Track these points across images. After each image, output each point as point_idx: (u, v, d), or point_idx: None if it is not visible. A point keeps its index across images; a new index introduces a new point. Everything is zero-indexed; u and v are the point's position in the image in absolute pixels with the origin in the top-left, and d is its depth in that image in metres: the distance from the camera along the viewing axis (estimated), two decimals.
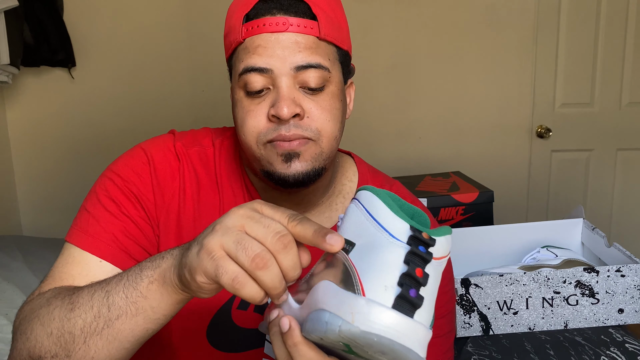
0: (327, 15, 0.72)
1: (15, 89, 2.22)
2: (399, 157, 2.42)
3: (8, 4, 1.82)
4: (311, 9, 0.71)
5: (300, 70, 0.70)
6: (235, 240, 0.49)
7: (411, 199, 0.87)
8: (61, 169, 2.31)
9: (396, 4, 2.31)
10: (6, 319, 1.28)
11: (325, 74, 0.71)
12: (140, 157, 0.78)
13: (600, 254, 1.24)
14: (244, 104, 0.72)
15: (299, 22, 0.70)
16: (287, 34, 0.69)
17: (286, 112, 0.68)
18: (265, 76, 0.70)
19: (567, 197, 2.49)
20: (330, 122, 0.72)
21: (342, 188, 0.84)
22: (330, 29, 0.72)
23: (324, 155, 0.73)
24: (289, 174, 0.71)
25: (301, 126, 0.70)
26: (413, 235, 0.47)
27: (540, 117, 2.43)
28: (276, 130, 0.70)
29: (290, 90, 0.70)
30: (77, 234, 0.74)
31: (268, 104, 0.71)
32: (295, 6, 0.70)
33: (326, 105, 0.72)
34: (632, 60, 2.37)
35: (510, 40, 2.36)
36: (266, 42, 0.69)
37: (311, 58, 0.70)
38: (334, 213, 0.83)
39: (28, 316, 0.66)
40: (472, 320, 1.11)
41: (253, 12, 0.71)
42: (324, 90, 0.72)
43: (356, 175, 0.86)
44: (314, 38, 0.71)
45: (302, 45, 0.70)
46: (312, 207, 0.81)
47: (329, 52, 0.72)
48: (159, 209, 0.77)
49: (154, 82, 2.29)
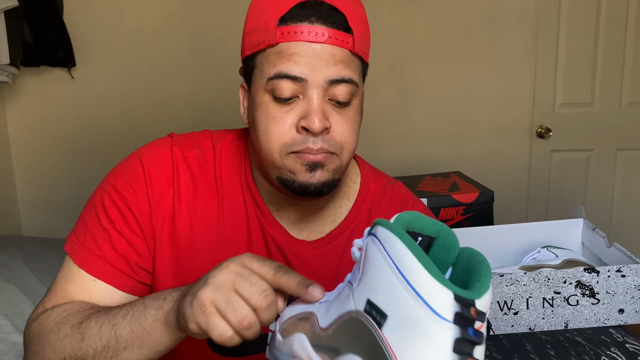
0: (359, 29, 0.71)
1: (15, 89, 2.22)
2: (399, 157, 2.42)
3: (8, 4, 1.82)
4: (347, 22, 0.70)
5: (333, 84, 0.69)
6: (226, 299, 0.55)
7: (413, 200, 0.87)
8: (61, 169, 2.31)
9: (396, 4, 2.30)
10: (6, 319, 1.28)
11: (354, 89, 0.71)
12: (135, 168, 0.78)
13: (601, 254, 1.24)
14: (269, 109, 0.71)
15: (337, 34, 0.69)
16: (325, 45, 0.68)
17: (318, 125, 0.68)
18: (297, 85, 0.69)
19: (567, 197, 2.49)
20: (352, 137, 0.73)
21: (347, 190, 0.84)
22: (362, 43, 0.72)
23: (342, 168, 0.74)
24: (311, 183, 0.71)
25: (327, 141, 0.70)
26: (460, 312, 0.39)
27: (540, 117, 2.43)
28: (304, 143, 0.69)
29: (321, 102, 0.69)
30: (75, 247, 0.77)
31: (297, 113, 0.70)
32: (333, 17, 0.69)
33: (351, 120, 0.72)
34: (632, 60, 2.37)
35: (510, 40, 2.36)
36: (303, 51, 0.68)
37: (345, 72, 0.69)
38: (338, 216, 0.83)
39: (37, 338, 0.71)
40: None
41: (289, 16, 0.69)
42: (350, 105, 0.72)
43: (359, 176, 0.86)
44: (348, 52, 0.70)
45: (338, 58, 0.69)
46: (316, 211, 0.81)
47: (358, 67, 0.72)
48: (154, 218, 0.77)
49: (154, 82, 2.28)
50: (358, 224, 0.83)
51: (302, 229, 0.81)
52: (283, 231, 0.80)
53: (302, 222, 0.81)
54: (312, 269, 0.80)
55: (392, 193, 0.86)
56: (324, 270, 0.80)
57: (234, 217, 0.79)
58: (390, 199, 0.85)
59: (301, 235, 0.81)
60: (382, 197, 0.85)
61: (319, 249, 0.81)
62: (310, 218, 0.81)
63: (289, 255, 0.80)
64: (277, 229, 0.80)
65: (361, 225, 0.83)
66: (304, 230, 0.81)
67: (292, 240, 0.80)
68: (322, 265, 0.80)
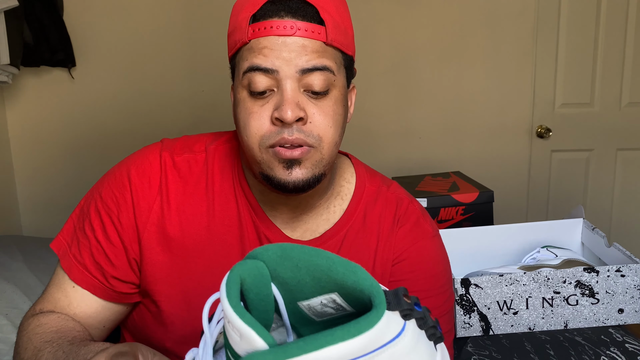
0: (334, 20, 0.71)
1: (15, 89, 2.22)
2: (399, 157, 2.42)
3: (8, 4, 1.82)
4: (319, 14, 0.70)
5: (306, 73, 0.69)
6: None
7: (408, 200, 0.86)
8: (61, 169, 2.31)
9: (396, 4, 2.31)
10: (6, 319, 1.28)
11: (331, 76, 0.71)
12: (122, 179, 0.80)
13: (600, 254, 1.24)
14: (247, 105, 0.71)
15: (307, 26, 0.69)
16: (294, 37, 0.69)
17: (290, 115, 0.68)
18: (270, 77, 0.69)
19: (567, 197, 2.49)
20: (332, 128, 0.72)
21: (340, 190, 0.84)
22: (337, 34, 0.71)
23: (324, 162, 0.73)
24: (289, 181, 0.71)
25: (304, 131, 0.70)
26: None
27: (540, 117, 2.43)
28: (279, 134, 0.69)
29: (295, 93, 0.69)
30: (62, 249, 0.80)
31: (272, 106, 0.70)
32: (304, 10, 0.70)
33: (329, 111, 0.71)
34: (632, 60, 2.37)
35: (510, 40, 2.36)
36: (272, 44, 0.69)
37: (317, 61, 0.69)
38: (332, 215, 0.83)
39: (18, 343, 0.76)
40: (472, 320, 1.11)
41: (260, 13, 0.70)
42: (328, 95, 0.71)
43: (354, 176, 0.86)
44: (321, 43, 0.70)
45: (309, 49, 0.69)
46: (309, 210, 0.81)
47: (335, 57, 0.72)
48: (140, 228, 0.78)
49: (153, 82, 2.29)
50: (353, 224, 0.83)
51: (295, 228, 0.81)
52: (277, 230, 0.80)
53: (295, 221, 0.81)
54: None
55: (388, 193, 0.86)
56: None
57: (226, 218, 0.80)
58: (386, 198, 0.85)
59: (295, 235, 0.81)
60: (377, 197, 0.85)
61: None
62: (303, 217, 0.81)
63: None
64: (271, 228, 0.80)
65: (356, 225, 0.83)
66: (297, 229, 0.81)
67: (286, 240, 0.80)
68: None
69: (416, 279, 0.82)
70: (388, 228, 0.83)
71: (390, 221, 0.83)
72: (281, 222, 0.81)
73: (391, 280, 0.82)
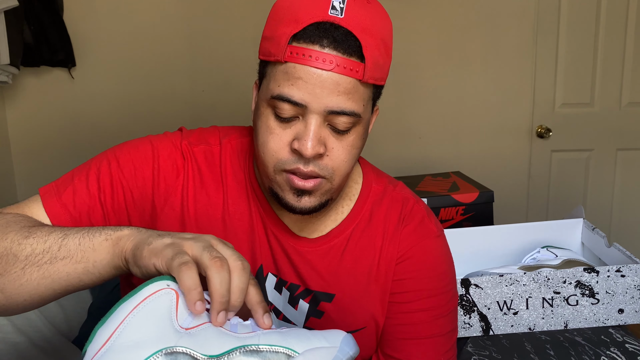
0: (375, 57, 0.69)
1: (15, 89, 2.22)
2: (399, 157, 2.42)
3: (8, 4, 1.82)
4: (362, 49, 0.68)
5: (332, 114, 0.69)
6: (204, 246, 0.56)
7: (414, 200, 0.87)
8: (61, 169, 2.28)
9: (396, 4, 2.30)
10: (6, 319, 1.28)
11: (356, 120, 0.71)
12: (145, 151, 0.80)
13: (600, 254, 1.24)
14: (269, 123, 0.71)
15: (346, 63, 0.67)
16: (331, 72, 0.67)
17: (310, 151, 0.68)
18: (297, 108, 0.69)
19: (567, 197, 2.49)
20: (347, 163, 0.73)
21: (349, 191, 0.85)
22: (375, 71, 0.70)
23: (332, 190, 0.74)
24: (296, 207, 0.73)
25: (319, 165, 0.71)
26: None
27: (540, 117, 2.43)
28: (295, 163, 0.70)
29: (318, 128, 0.69)
30: (50, 192, 0.77)
31: (294, 133, 0.70)
32: (346, 43, 0.67)
33: (348, 147, 0.72)
34: (632, 60, 2.37)
35: (510, 40, 2.36)
36: (308, 77, 0.67)
37: (346, 105, 0.69)
38: (339, 215, 0.83)
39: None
40: (472, 320, 1.11)
41: (302, 35, 0.67)
42: (350, 132, 0.72)
43: (361, 176, 0.87)
44: (356, 81, 0.69)
45: (342, 88, 0.68)
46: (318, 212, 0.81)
47: (365, 96, 0.71)
48: (158, 207, 0.78)
49: (154, 82, 2.28)
50: (359, 223, 0.83)
51: (303, 227, 0.82)
52: (285, 228, 0.81)
53: (303, 221, 0.81)
54: (313, 266, 0.81)
55: (394, 193, 0.86)
56: (325, 267, 0.81)
57: (238, 212, 0.81)
58: (392, 198, 0.85)
59: (303, 233, 0.82)
60: (384, 196, 0.85)
61: (320, 246, 0.81)
62: (311, 218, 0.82)
63: (290, 251, 0.81)
64: (279, 225, 0.81)
65: (362, 224, 0.83)
66: (305, 228, 0.82)
67: (293, 237, 0.81)
68: (322, 262, 0.81)
69: (419, 277, 0.82)
70: (393, 227, 0.83)
71: (396, 220, 0.83)
72: (289, 221, 0.81)
73: (395, 279, 0.82)
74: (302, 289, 0.81)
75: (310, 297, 0.81)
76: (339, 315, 0.81)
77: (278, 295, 0.82)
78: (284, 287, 0.82)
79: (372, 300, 0.82)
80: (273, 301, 0.82)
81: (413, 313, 0.81)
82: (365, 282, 0.82)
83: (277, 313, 0.82)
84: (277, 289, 0.82)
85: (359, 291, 0.82)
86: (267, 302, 0.81)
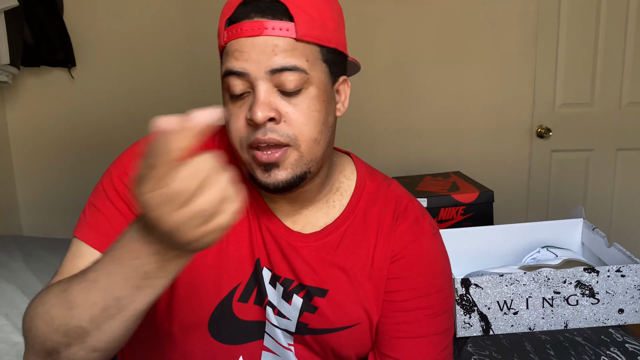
0: (307, 14, 0.71)
1: (15, 89, 2.22)
2: (399, 157, 2.42)
3: (8, 4, 1.82)
4: (288, 10, 0.70)
5: (276, 73, 0.69)
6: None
7: (408, 198, 0.87)
8: (61, 169, 2.31)
9: (396, 4, 2.30)
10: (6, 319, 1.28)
11: (303, 76, 0.71)
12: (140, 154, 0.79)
13: (600, 254, 1.24)
14: (228, 107, 0.73)
15: (275, 24, 0.69)
16: (263, 37, 0.69)
17: (260, 116, 0.69)
18: (243, 80, 0.71)
19: (567, 197, 2.48)
20: (308, 126, 0.72)
21: (340, 185, 0.85)
22: (310, 28, 0.71)
23: (304, 160, 0.73)
24: (269, 183, 0.73)
25: (277, 131, 0.70)
26: None
27: (540, 117, 2.43)
28: (253, 134, 0.71)
29: (267, 94, 0.70)
30: (84, 229, 0.76)
31: (247, 107, 0.71)
32: (272, 8, 0.70)
33: (304, 109, 0.72)
34: (632, 60, 2.37)
35: (510, 40, 2.36)
36: (242, 47, 0.70)
37: (286, 61, 0.69)
38: (332, 210, 0.83)
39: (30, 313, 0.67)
40: (472, 320, 1.11)
41: (234, 16, 0.71)
42: (302, 93, 0.71)
43: (354, 174, 0.87)
44: (291, 40, 0.70)
45: (279, 49, 0.69)
46: (308, 204, 0.82)
47: (308, 53, 0.71)
48: None
49: (153, 82, 2.29)
50: (353, 220, 0.83)
51: (296, 221, 0.82)
52: (278, 222, 0.81)
53: (295, 215, 0.82)
54: (307, 260, 0.81)
55: (388, 191, 0.86)
56: (318, 263, 0.81)
57: None
58: (386, 196, 0.85)
59: (296, 227, 0.82)
60: (378, 194, 0.85)
61: (314, 242, 0.82)
62: (303, 210, 0.82)
63: (284, 245, 0.81)
64: (272, 220, 0.81)
65: (356, 222, 0.83)
66: (298, 222, 0.82)
67: (287, 232, 0.81)
68: (316, 258, 0.81)
69: (414, 276, 0.82)
70: (387, 225, 0.83)
71: (390, 219, 0.84)
72: (282, 215, 0.82)
73: (389, 278, 0.82)
74: (295, 283, 0.81)
75: (304, 292, 0.81)
76: (333, 310, 0.82)
77: (272, 289, 0.82)
78: (277, 281, 0.82)
79: (366, 297, 0.82)
80: (268, 296, 0.82)
81: (409, 312, 0.81)
82: (358, 279, 0.82)
83: (272, 308, 0.82)
84: (272, 284, 0.82)
85: (353, 288, 0.82)
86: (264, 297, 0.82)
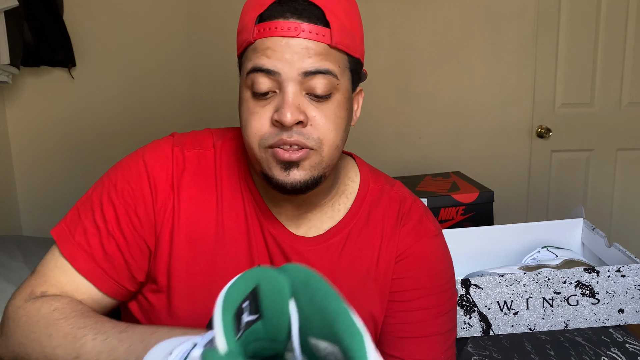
0: (340, 22, 0.71)
1: (15, 89, 2.22)
2: (399, 157, 2.42)
3: (8, 4, 1.82)
4: (325, 15, 0.70)
5: (308, 76, 0.69)
6: None
7: (412, 199, 0.87)
8: (61, 169, 2.31)
9: (396, 4, 2.30)
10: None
11: (334, 81, 0.70)
12: (138, 169, 0.79)
13: (601, 254, 1.24)
14: (249, 105, 0.72)
15: (311, 28, 0.69)
16: (298, 39, 0.69)
17: (289, 118, 0.68)
18: (272, 79, 0.69)
19: (567, 197, 2.49)
20: (333, 132, 0.72)
21: (345, 188, 0.85)
22: (343, 36, 0.71)
23: (323, 164, 0.73)
24: (286, 182, 0.72)
25: (303, 134, 0.70)
26: None
27: (540, 117, 2.43)
28: (278, 135, 0.70)
29: (296, 96, 0.69)
30: (63, 236, 0.77)
31: (273, 107, 0.70)
32: (309, 11, 0.69)
33: (331, 114, 0.71)
34: (632, 60, 2.37)
35: (510, 41, 2.36)
36: (276, 46, 0.69)
37: (320, 64, 0.69)
38: (336, 213, 0.83)
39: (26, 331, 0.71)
40: (473, 320, 1.11)
41: (267, 14, 0.70)
42: (331, 99, 0.71)
43: (358, 175, 0.87)
44: (325, 45, 0.70)
45: (312, 52, 0.69)
46: (313, 208, 0.82)
47: (339, 60, 0.72)
48: (157, 219, 0.78)
49: (154, 82, 2.29)
50: (357, 222, 0.83)
51: (300, 225, 0.82)
52: (281, 227, 0.81)
53: (299, 219, 0.81)
54: (311, 264, 0.81)
55: (391, 192, 0.86)
56: (322, 266, 0.81)
57: (233, 214, 0.80)
58: (389, 198, 0.85)
59: (299, 231, 0.82)
60: (381, 195, 0.85)
61: (318, 245, 0.81)
62: (307, 215, 0.82)
63: (287, 250, 0.80)
64: (275, 225, 0.81)
65: (360, 223, 0.83)
66: (302, 226, 0.82)
67: (290, 237, 0.81)
68: (320, 261, 0.81)
69: (418, 276, 0.82)
70: (391, 226, 0.83)
71: (394, 219, 0.84)
72: (285, 219, 0.81)
73: (394, 278, 0.82)
74: None
75: None
76: None
77: None
78: None
79: (371, 299, 0.82)
80: None
81: (412, 312, 0.82)
82: (363, 281, 0.82)
83: None
84: None
85: (358, 290, 0.82)
86: None
